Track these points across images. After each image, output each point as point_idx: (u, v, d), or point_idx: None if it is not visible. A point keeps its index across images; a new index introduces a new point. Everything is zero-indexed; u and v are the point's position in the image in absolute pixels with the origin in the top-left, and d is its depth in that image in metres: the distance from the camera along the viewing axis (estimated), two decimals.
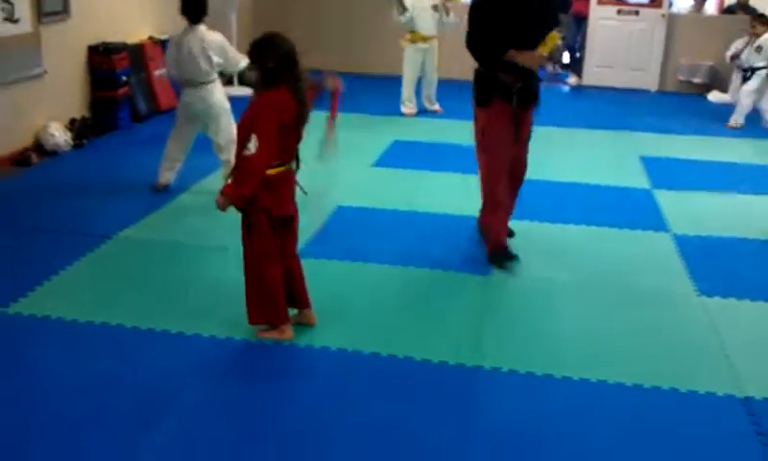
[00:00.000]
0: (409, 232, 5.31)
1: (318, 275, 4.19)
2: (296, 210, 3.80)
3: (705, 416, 3.35)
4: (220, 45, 5.64)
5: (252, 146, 3.43)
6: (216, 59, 5.63)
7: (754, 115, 9.05)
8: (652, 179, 6.70)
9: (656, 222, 5.62)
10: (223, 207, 3.55)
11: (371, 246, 5.00)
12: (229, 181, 3.58)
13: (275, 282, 3.72)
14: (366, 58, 11.00)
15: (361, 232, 5.27)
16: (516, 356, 3.72)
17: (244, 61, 5.59)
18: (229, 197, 3.52)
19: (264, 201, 3.60)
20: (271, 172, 3.56)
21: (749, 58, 9.20)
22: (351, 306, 4.20)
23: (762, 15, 9.42)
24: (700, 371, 3.69)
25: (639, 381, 3.54)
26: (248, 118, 3.54)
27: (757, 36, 9.11)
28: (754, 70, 9.07)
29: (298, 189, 3.80)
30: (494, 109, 4.65)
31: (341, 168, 6.47)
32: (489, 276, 4.64)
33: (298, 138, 3.67)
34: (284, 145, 3.57)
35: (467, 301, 4.34)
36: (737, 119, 8.96)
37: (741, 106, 9.00)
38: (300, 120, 3.59)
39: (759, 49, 8.99)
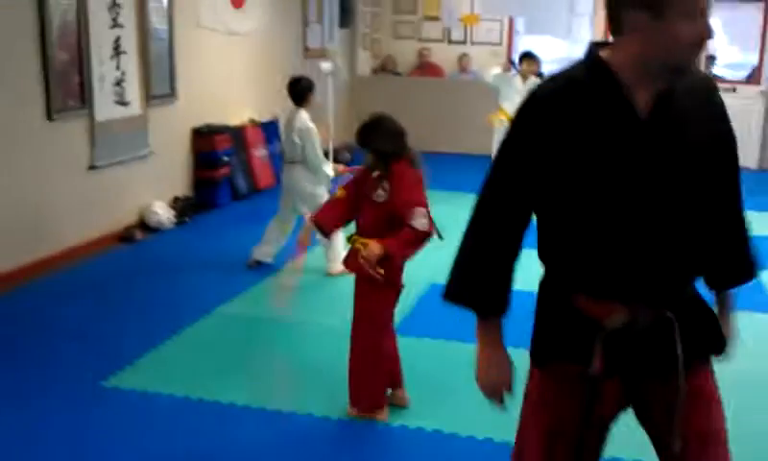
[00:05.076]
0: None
1: (411, 353, 4.13)
2: None
3: None
4: (303, 130, 5.79)
5: (427, 222, 3.45)
6: (298, 141, 5.79)
7: None
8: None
9: (762, 304, 5.37)
10: (373, 259, 3.39)
11: (465, 324, 4.90)
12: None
13: (388, 355, 3.70)
14: (455, 138, 11.09)
15: (455, 310, 5.18)
16: None
17: (326, 168, 5.78)
18: (391, 251, 3.41)
19: (400, 273, 3.66)
20: None
21: None
22: (446, 387, 4.12)
23: None
24: None
25: None
26: (407, 192, 3.48)
27: None
28: None
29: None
30: (549, 377, 2.17)
31: (433, 245, 6.46)
32: None
33: None
34: None
35: None
36: None
37: None
38: None
39: None
